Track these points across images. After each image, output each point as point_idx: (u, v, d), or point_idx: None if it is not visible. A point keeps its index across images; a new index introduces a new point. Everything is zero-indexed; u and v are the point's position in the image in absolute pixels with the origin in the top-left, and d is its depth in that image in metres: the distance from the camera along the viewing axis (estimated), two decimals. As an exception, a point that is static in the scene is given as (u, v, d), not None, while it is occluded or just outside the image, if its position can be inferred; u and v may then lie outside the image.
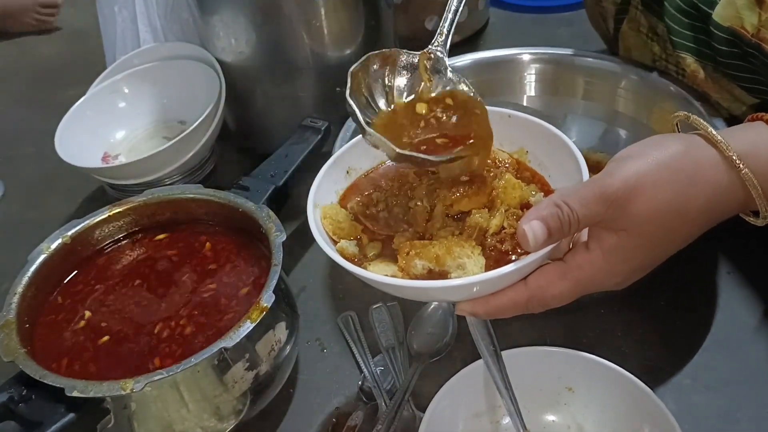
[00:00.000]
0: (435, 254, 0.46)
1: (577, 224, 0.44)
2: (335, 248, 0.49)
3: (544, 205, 0.44)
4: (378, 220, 0.51)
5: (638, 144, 0.47)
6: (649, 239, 0.46)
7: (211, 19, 0.83)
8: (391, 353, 0.65)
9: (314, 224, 0.50)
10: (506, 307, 0.47)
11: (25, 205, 0.94)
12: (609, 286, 0.48)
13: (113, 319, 0.60)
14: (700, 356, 0.63)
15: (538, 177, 0.53)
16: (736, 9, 0.63)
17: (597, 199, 0.44)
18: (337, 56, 0.83)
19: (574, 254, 0.47)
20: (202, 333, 0.57)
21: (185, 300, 0.61)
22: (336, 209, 0.52)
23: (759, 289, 0.68)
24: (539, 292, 0.46)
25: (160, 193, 0.68)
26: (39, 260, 0.61)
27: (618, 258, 0.46)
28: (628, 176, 0.44)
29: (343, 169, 0.55)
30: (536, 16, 1.22)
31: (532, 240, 0.43)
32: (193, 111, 0.84)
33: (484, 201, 0.50)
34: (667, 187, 0.44)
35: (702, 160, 0.45)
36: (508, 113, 0.54)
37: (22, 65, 1.33)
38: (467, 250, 0.46)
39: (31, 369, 0.52)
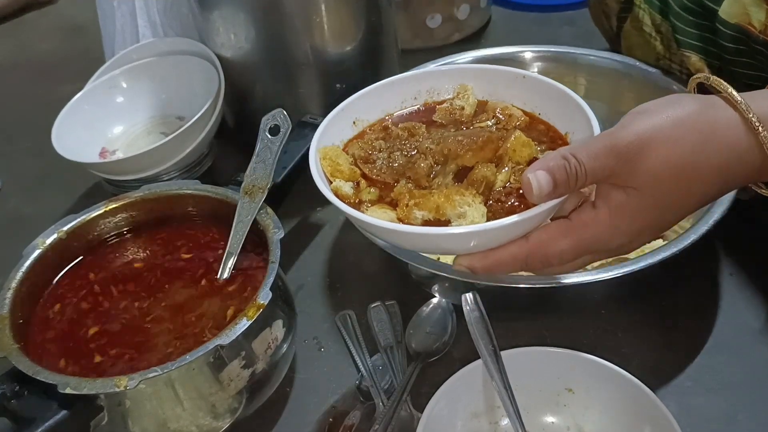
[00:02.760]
0: (435, 203, 0.45)
1: (585, 178, 0.42)
2: (330, 188, 0.48)
3: (551, 156, 0.43)
4: (378, 166, 0.50)
5: (655, 101, 0.45)
6: (659, 198, 0.44)
7: (211, 15, 0.83)
8: (389, 352, 0.64)
9: (314, 164, 0.49)
10: (505, 262, 0.45)
11: (22, 199, 0.93)
12: (614, 247, 0.46)
13: (108, 314, 0.59)
14: (702, 358, 0.62)
15: (552, 130, 0.52)
16: (743, 6, 0.62)
17: (607, 152, 0.42)
18: (338, 52, 0.83)
19: (579, 212, 0.45)
20: (198, 330, 0.57)
21: (181, 296, 0.60)
22: (336, 151, 0.51)
23: (761, 291, 0.67)
24: (540, 248, 0.44)
25: (157, 188, 0.67)
26: (34, 255, 0.61)
27: (625, 216, 0.44)
28: (642, 130, 0.42)
29: (350, 118, 0.54)
30: (538, 15, 1.21)
31: (536, 189, 0.41)
32: (192, 107, 0.83)
33: (490, 156, 0.49)
34: (681, 144, 0.43)
35: (720, 120, 0.44)
36: (522, 74, 0.54)
37: (20, 59, 1.32)
38: (468, 198, 0.45)
39: (24, 365, 0.51)
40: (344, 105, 0.54)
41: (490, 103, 0.55)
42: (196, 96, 0.85)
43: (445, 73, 0.56)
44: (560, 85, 0.52)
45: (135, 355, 0.55)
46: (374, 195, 0.49)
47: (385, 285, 0.72)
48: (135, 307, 0.60)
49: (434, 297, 0.67)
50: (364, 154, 0.51)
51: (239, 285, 0.60)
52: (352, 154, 0.52)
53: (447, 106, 0.55)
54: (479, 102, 0.55)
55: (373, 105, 0.55)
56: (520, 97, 0.54)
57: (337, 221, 0.81)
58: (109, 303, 0.60)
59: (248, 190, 0.62)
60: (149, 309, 0.59)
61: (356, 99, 0.54)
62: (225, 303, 0.59)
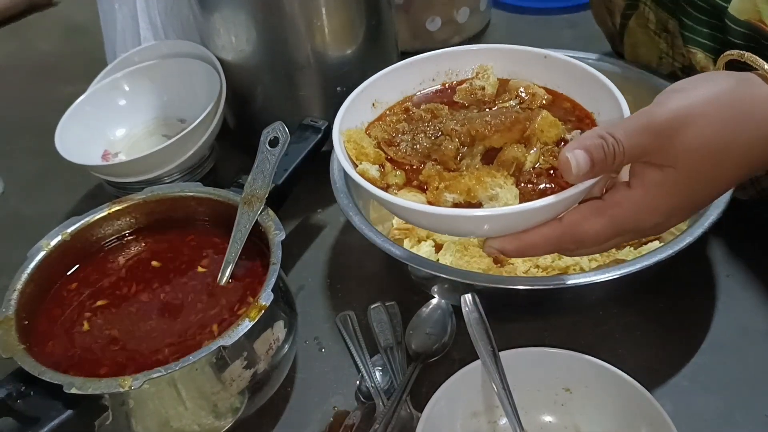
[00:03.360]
0: (466, 186, 0.44)
1: (623, 156, 0.41)
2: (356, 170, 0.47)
3: (588, 135, 0.42)
4: (402, 149, 0.49)
5: (690, 78, 0.45)
6: (696, 174, 0.43)
7: (212, 17, 0.83)
8: (389, 353, 0.65)
9: (338, 147, 0.48)
10: (538, 244, 0.44)
11: (24, 200, 0.94)
12: (648, 227, 0.45)
13: (112, 316, 0.60)
14: (698, 358, 0.63)
15: (578, 107, 0.51)
16: (753, 2, 0.62)
17: (644, 129, 0.42)
18: (338, 55, 0.83)
19: (613, 192, 0.44)
20: (201, 331, 0.57)
21: (184, 297, 0.61)
22: (360, 134, 0.50)
23: (758, 292, 0.68)
24: (573, 229, 0.44)
25: (159, 191, 0.68)
26: (38, 257, 0.61)
27: (660, 193, 0.43)
28: (678, 107, 0.42)
29: (369, 100, 0.53)
30: (538, 18, 1.22)
31: (575, 168, 0.41)
32: (193, 109, 0.84)
33: (518, 137, 0.48)
34: (718, 120, 0.42)
35: (757, 96, 0.43)
36: (544, 54, 0.52)
37: (22, 60, 1.33)
38: (500, 180, 0.44)
39: (29, 365, 0.52)
40: (363, 86, 0.52)
41: (512, 82, 0.53)
42: (197, 98, 0.86)
43: (464, 53, 0.55)
44: (584, 65, 0.50)
45: (139, 356, 0.56)
46: (401, 178, 0.47)
47: (385, 286, 0.72)
48: (138, 308, 0.60)
49: (434, 298, 0.68)
50: (387, 136, 0.50)
51: (241, 286, 0.61)
52: (374, 136, 0.50)
53: (467, 86, 0.54)
54: (500, 81, 0.54)
55: (392, 86, 0.54)
56: (542, 77, 0.53)
57: (337, 223, 0.82)
58: (112, 304, 0.61)
59: (247, 200, 0.63)
60: (152, 310, 0.60)
61: (375, 80, 0.53)
62: (227, 304, 0.60)
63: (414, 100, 0.54)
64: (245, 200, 0.63)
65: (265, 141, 0.65)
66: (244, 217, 0.63)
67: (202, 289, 0.61)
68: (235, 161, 0.92)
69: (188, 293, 0.61)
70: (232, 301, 0.60)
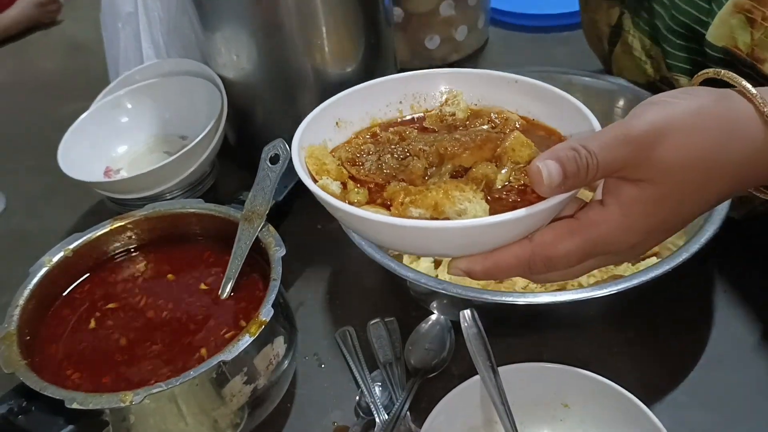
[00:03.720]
0: (433, 200, 0.41)
1: (596, 170, 0.38)
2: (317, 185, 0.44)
3: (560, 146, 0.39)
4: (366, 167, 0.47)
5: (667, 92, 0.42)
6: (675, 190, 0.40)
7: (213, 36, 0.84)
8: (388, 369, 0.65)
9: (297, 161, 0.45)
10: (507, 264, 0.41)
11: (26, 217, 0.94)
12: (625, 248, 0.42)
13: (114, 332, 0.60)
14: (696, 373, 0.63)
15: (554, 133, 0.48)
16: (729, 28, 0.63)
17: (620, 142, 0.39)
18: (338, 73, 0.84)
19: (587, 210, 0.42)
20: (201, 347, 0.58)
21: (184, 313, 0.61)
22: (323, 150, 0.48)
23: (754, 308, 0.68)
24: (544, 249, 0.41)
25: (161, 207, 0.68)
26: (40, 273, 0.62)
27: (638, 212, 0.40)
28: (656, 119, 0.39)
29: (332, 119, 0.51)
30: (535, 35, 1.23)
31: (546, 178, 0.38)
32: (195, 126, 0.85)
33: (488, 156, 0.46)
34: (699, 133, 0.40)
35: (736, 112, 0.41)
36: (514, 78, 0.50)
37: (25, 78, 1.34)
38: (468, 194, 0.42)
39: (31, 381, 0.52)
40: (325, 105, 0.50)
41: (484, 109, 0.52)
42: (198, 116, 0.87)
43: (431, 76, 0.53)
44: (553, 88, 0.49)
45: (139, 371, 0.56)
46: (363, 196, 0.44)
47: (385, 302, 0.73)
48: (139, 324, 0.61)
49: (433, 314, 0.68)
50: (351, 156, 0.48)
51: (241, 302, 0.61)
52: (338, 157, 0.48)
53: (437, 112, 0.52)
54: (472, 110, 0.52)
55: (356, 106, 0.51)
56: (512, 102, 0.51)
57: (337, 238, 0.82)
58: (113, 320, 0.61)
59: (248, 216, 0.64)
60: (153, 325, 0.60)
61: (338, 99, 0.51)
62: (227, 320, 0.60)
63: (383, 125, 0.52)
64: (246, 217, 0.64)
65: (266, 158, 0.66)
66: (245, 234, 0.63)
67: (203, 304, 0.62)
68: (235, 178, 0.93)
69: (189, 309, 0.61)
70: (233, 316, 0.60)
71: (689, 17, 0.68)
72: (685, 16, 0.69)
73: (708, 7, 0.66)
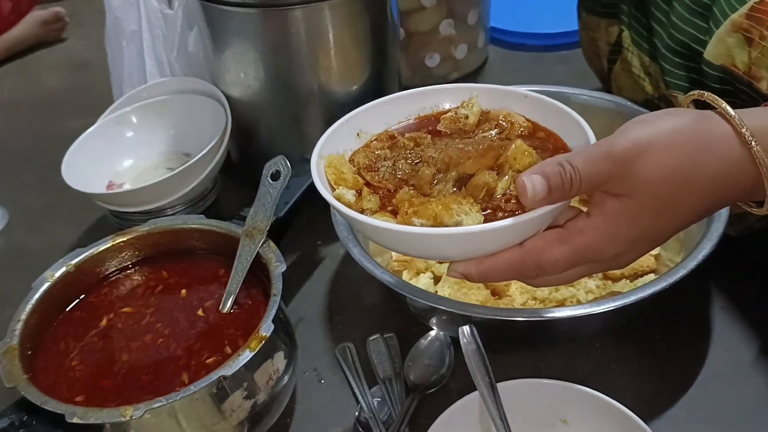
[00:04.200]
0: (433, 211, 0.45)
1: (579, 185, 0.42)
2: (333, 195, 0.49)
3: (548, 162, 0.43)
4: (381, 173, 0.51)
5: (651, 113, 0.46)
6: (654, 205, 0.44)
7: (223, 55, 0.85)
8: (388, 384, 0.65)
9: (315, 171, 0.50)
10: (500, 268, 0.45)
11: (29, 232, 0.95)
12: (609, 257, 0.46)
13: (115, 346, 0.61)
14: (695, 389, 0.63)
15: (554, 137, 0.53)
16: (726, 47, 0.64)
17: (603, 158, 0.43)
18: (343, 92, 0.85)
19: (575, 221, 0.46)
20: (202, 362, 0.58)
21: (185, 328, 0.61)
22: (341, 160, 0.52)
23: (752, 323, 0.69)
24: (533, 255, 0.45)
25: (163, 222, 0.69)
26: (43, 288, 0.62)
27: (619, 224, 0.44)
28: (638, 137, 0.43)
29: (354, 130, 0.55)
30: (534, 54, 1.25)
31: (530, 192, 0.42)
32: (199, 144, 0.85)
33: (490, 164, 0.49)
34: (676, 152, 0.43)
35: (715, 132, 0.44)
36: (524, 93, 0.55)
37: (30, 95, 1.35)
38: (465, 206, 0.46)
39: (32, 395, 0.52)
40: (349, 117, 0.55)
41: (493, 112, 0.56)
42: (202, 133, 0.87)
43: (449, 91, 0.58)
44: (559, 104, 0.53)
45: (140, 386, 0.56)
46: (375, 203, 0.49)
47: (384, 318, 0.73)
48: (140, 339, 0.61)
49: (432, 330, 0.68)
50: (368, 162, 0.52)
51: (242, 317, 0.62)
52: (356, 162, 0.53)
53: (452, 114, 0.56)
54: (482, 113, 0.56)
55: (378, 118, 0.56)
56: (521, 113, 0.55)
57: (337, 255, 0.83)
58: (114, 334, 0.62)
59: (249, 232, 0.64)
60: (154, 341, 0.61)
61: (361, 111, 0.56)
62: (228, 335, 0.60)
63: (400, 128, 0.57)
64: (247, 233, 0.64)
65: (267, 174, 0.67)
66: (246, 249, 0.64)
67: (203, 319, 0.62)
68: (237, 194, 0.94)
69: (190, 323, 0.62)
70: (233, 331, 0.60)
71: (687, 36, 0.69)
72: (684, 35, 0.70)
73: (706, 26, 0.67)
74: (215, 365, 0.54)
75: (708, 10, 0.67)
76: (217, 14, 0.81)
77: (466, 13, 1.11)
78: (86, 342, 0.61)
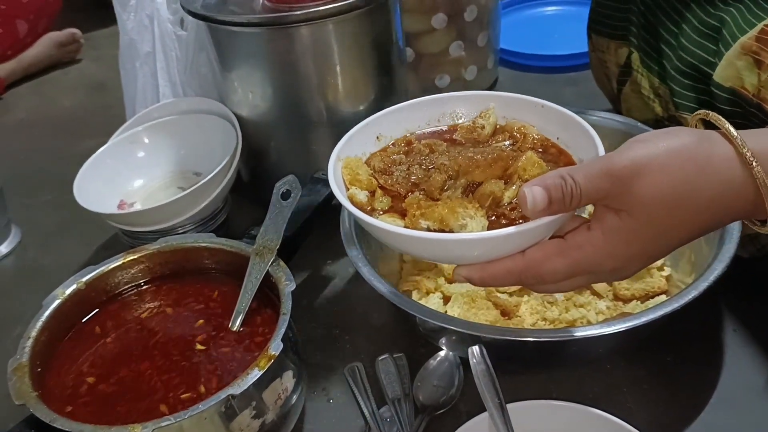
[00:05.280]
0: (440, 215, 0.47)
1: (579, 198, 0.44)
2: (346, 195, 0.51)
3: (550, 174, 0.45)
4: (394, 177, 0.53)
5: (655, 131, 0.47)
6: (651, 223, 0.45)
7: (230, 75, 0.86)
8: (396, 404, 0.65)
9: (332, 172, 0.52)
10: (501, 275, 0.47)
11: (41, 251, 0.96)
12: (607, 270, 0.47)
13: (124, 364, 0.61)
14: (707, 413, 0.63)
15: (565, 155, 0.54)
16: (736, 69, 0.64)
17: (603, 174, 0.44)
18: (351, 111, 0.86)
19: (575, 233, 0.47)
20: (211, 380, 0.58)
21: (194, 346, 0.61)
22: (358, 162, 0.54)
23: (765, 346, 0.68)
24: (535, 265, 0.46)
25: (173, 241, 0.69)
26: (53, 305, 0.62)
27: (618, 239, 0.45)
28: (638, 156, 0.44)
29: (374, 133, 0.57)
30: (543, 76, 1.25)
31: (530, 203, 0.43)
32: (210, 163, 0.86)
33: (499, 173, 0.51)
34: (675, 172, 0.44)
35: (716, 153, 0.45)
36: (541, 103, 0.57)
37: (44, 115, 1.37)
38: (470, 210, 0.47)
39: (41, 413, 0.52)
40: (369, 120, 0.57)
41: (508, 123, 0.58)
42: (213, 152, 0.88)
43: (467, 98, 0.60)
44: (574, 115, 0.54)
45: (149, 404, 0.56)
46: (386, 204, 0.51)
47: (393, 337, 0.73)
48: (150, 357, 0.61)
49: (441, 350, 0.68)
50: (384, 166, 0.54)
51: (251, 336, 0.62)
52: (373, 166, 0.55)
53: (469, 124, 0.58)
54: (498, 126, 0.58)
55: (397, 123, 0.58)
56: (538, 124, 0.56)
57: (346, 274, 0.83)
58: (125, 352, 0.62)
59: (259, 251, 0.65)
60: (164, 358, 0.61)
61: (381, 116, 0.58)
62: (237, 353, 0.60)
63: (417, 135, 0.58)
64: (257, 251, 0.65)
65: (278, 194, 0.67)
66: (256, 268, 0.64)
67: (213, 337, 0.62)
68: (247, 213, 0.94)
69: (199, 342, 0.62)
70: (243, 350, 0.60)
71: (697, 58, 0.70)
72: (693, 57, 0.70)
73: (715, 48, 0.67)
74: (224, 384, 0.54)
75: (717, 32, 0.67)
76: (224, 35, 0.82)
77: (476, 36, 1.12)
78: (96, 359, 0.61)
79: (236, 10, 0.81)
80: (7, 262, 0.94)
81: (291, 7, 0.77)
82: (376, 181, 0.53)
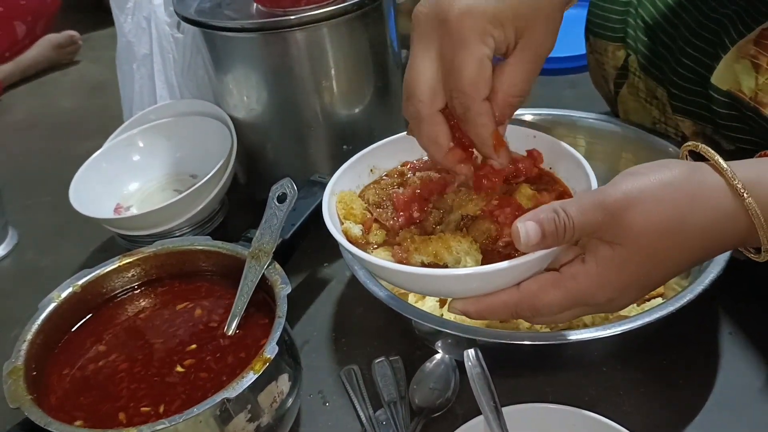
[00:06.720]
0: (434, 250, 0.48)
1: (573, 231, 0.44)
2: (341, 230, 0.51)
3: (543, 208, 0.45)
4: (388, 211, 0.53)
5: (646, 164, 0.47)
6: (644, 254, 0.45)
7: (225, 78, 0.86)
8: (392, 407, 0.65)
9: (326, 207, 0.52)
10: (496, 308, 0.47)
11: (38, 253, 0.96)
12: (602, 301, 0.47)
13: (120, 367, 0.61)
14: (703, 416, 0.62)
15: (558, 182, 0.54)
16: (734, 73, 0.64)
17: (595, 207, 0.44)
18: (346, 114, 0.86)
19: (570, 265, 0.47)
20: (207, 383, 0.58)
21: (192, 350, 0.61)
22: (352, 196, 0.54)
23: (761, 349, 0.68)
24: (530, 297, 0.47)
25: (169, 244, 0.69)
26: (49, 308, 0.62)
27: (611, 270, 0.46)
28: (629, 189, 0.45)
29: (367, 166, 0.57)
30: (542, 78, 1.23)
31: (523, 237, 0.44)
32: (205, 165, 0.86)
33: (492, 207, 0.51)
34: (666, 204, 0.44)
35: (707, 184, 0.45)
36: (533, 133, 0.57)
37: (42, 117, 1.37)
38: (464, 245, 0.47)
39: (36, 416, 0.52)
40: (362, 154, 0.57)
41: None
42: (209, 155, 0.88)
43: None
44: (567, 146, 0.55)
45: (143, 407, 0.56)
46: (381, 237, 0.52)
47: (390, 340, 0.73)
48: (145, 360, 0.61)
49: (437, 353, 0.68)
50: (378, 199, 0.54)
51: (247, 339, 0.62)
52: (367, 199, 0.55)
53: None
54: None
55: (391, 155, 0.58)
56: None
57: (343, 277, 0.83)
58: (120, 356, 0.62)
59: (255, 254, 0.65)
60: (159, 362, 0.61)
61: (375, 148, 0.58)
62: (232, 356, 0.60)
63: (411, 166, 0.58)
64: (253, 254, 0.65)
65: (274, 196, 0.67)
66: (252, 271, 0.64)
67: (208, 340, 0.62)
68: (244, 216, 0.94)
69: (195, 345, 0.62)
70: (238, 353, 0.60)
71: (694, 61, 0.70)
72: (691, 60, 0.70)
73: (713, 52, 0.67)
74: (218, 388, 0.54)
75: (715, 35, 0.67)
76: (219, 40, 0.82)
77: (473, 37, 1.11)
78: (91, 363, 0.61)
79: (231, 15, 0.81)
80: (4, 263, 0.94)
81: (285, 12, 0.77)
82: (370, 214, 0.53)
